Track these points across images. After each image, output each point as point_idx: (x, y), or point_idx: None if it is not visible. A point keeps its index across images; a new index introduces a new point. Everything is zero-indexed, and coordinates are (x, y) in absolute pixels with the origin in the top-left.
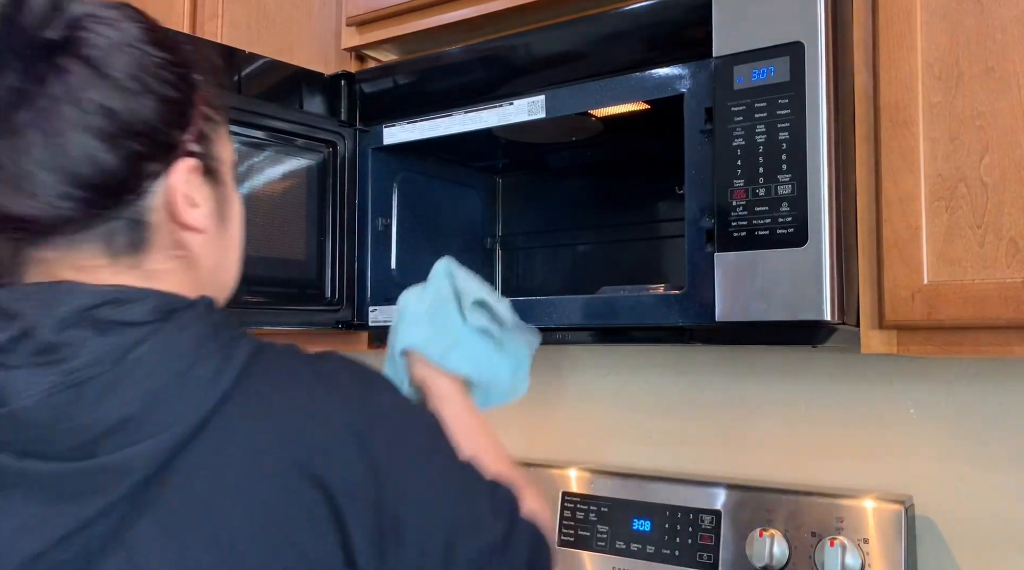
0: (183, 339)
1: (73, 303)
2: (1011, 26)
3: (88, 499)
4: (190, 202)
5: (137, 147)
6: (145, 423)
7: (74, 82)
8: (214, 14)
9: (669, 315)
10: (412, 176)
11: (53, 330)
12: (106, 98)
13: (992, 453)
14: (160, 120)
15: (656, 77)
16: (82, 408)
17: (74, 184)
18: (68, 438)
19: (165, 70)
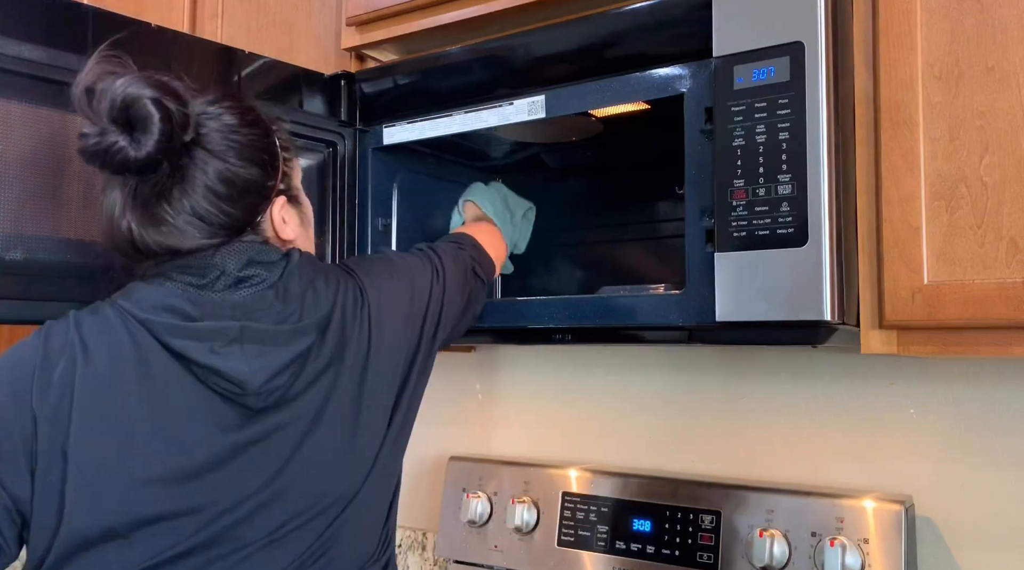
0: (302, 264)
1: (243, 256)
2: (1011, 26)
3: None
4: (283, 220)
5: (251, 199)
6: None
7: (209, 169)
8: (214, 14)
9: (669, 315)
10: (412, 176)
11: (237, 268)
12: (227, 174)
13: (992, 453)
14: (260, 178)
15: (656, 77)
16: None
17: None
18: (273, 314)
19: (258, 142)
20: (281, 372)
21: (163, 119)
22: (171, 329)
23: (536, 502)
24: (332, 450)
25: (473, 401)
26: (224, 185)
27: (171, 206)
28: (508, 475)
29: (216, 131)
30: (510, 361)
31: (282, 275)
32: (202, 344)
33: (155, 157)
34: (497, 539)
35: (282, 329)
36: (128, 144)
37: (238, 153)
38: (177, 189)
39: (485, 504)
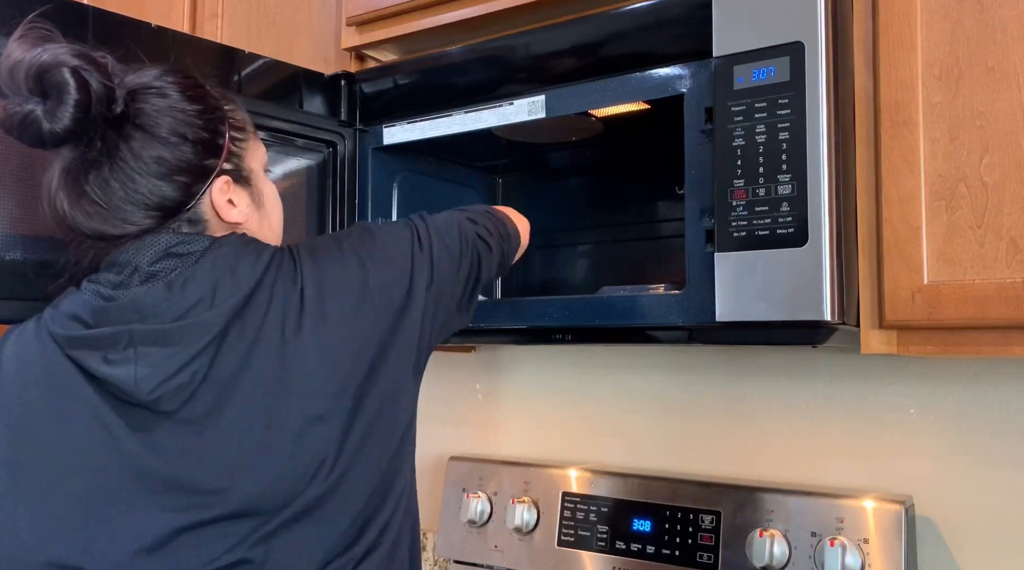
0: (227, 249)
1: (157, 247)
2: (1011, 26)
3: (197, 338)
4: (229, 202)
5: (184, 179)
6: (214, 299)
7: (135, 145)
8: (214, 14)
9: (669, 315)
10: (412, 176)
11: (148, 263)
12: (158, 151)
13: (992, 453)
14: (197, 157)
15: (656, 77)
16: (173, 293)
17: (147, 209)
18: (171, 311)
19: (199, 119)
20: (181, 371)
21: (79, 89)
22: (70, 340)
23: (536, 502)
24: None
25: (473, 401)
26: (155, 163)
27: (99, 186)
28: (508, 475)
29: (151, 106)
30: (510, 361)
31: (190, 265)
32: (96, 353)
33: (71, 129)
34: (497, 539)
35: (178, 325)
36: (43, 114)
37: (172, 129)
38: (107, 167)
39: (485, 504)
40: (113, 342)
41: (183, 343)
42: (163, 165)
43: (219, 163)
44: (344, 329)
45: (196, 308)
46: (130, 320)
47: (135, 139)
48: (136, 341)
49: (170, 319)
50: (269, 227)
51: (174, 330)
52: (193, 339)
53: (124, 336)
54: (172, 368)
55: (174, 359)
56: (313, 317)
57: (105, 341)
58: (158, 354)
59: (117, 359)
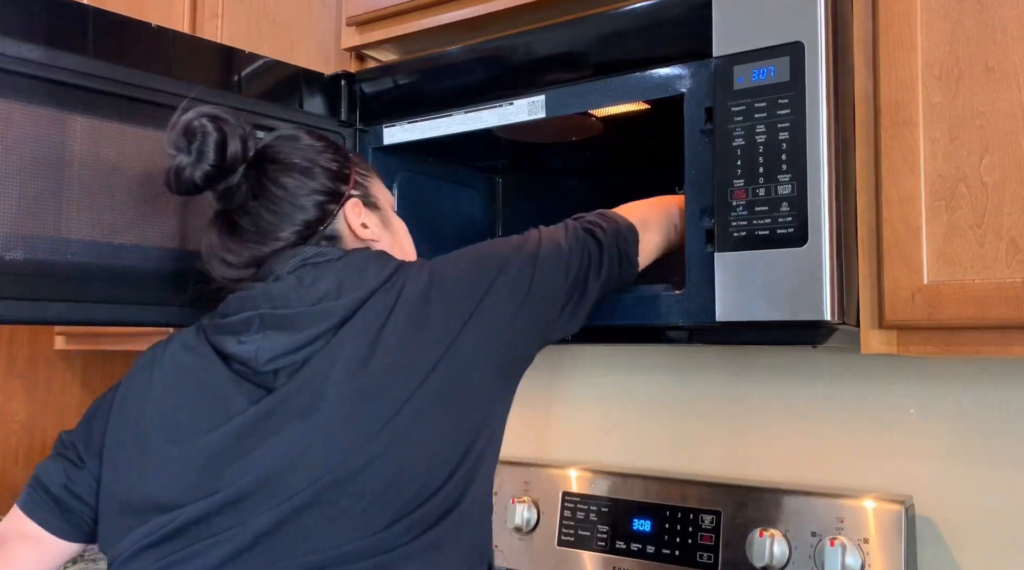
0: (358, 256)
1: (299, 256)
2: (1011, 26)
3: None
4: (363, 225)
5: (320, 198)
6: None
7: (276, 175)
8: (214, 14)
9: (669, 315)
10: (412, 176)
11: (287, 272)
12: (295, 178)
13: (992, 453)
14: (329, 180)
15: (656, 77)
16: (303, 287)
17: (292, 225)
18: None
19: (326, 153)
20: (296, 351)
21: (217, 130)
22: (214, 329)
23: (536, 502)
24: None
25: None
26: (295, 187)
27: (249, 216)
28: (508, 475)
29: (282, 145)
30: None
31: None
32: (232, 337)
33: (216, 167)
34: (497, 539)
35: (304, 311)
36: (190, 162)
37: (304, 158)
38: (253, 202)
39: None
40: (246, 326)
41: (305, 329)
42: (303, 188)
43: (348, 188)
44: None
45: (323, 300)
46: (260, 307)
47: (275, 171)
48: (266, 324)
49: (296, 307)
50: (401, 250)
51: (297, 316)
52: (314, 325)
53: (255, 320)
54: (291, 346)
55: (294, 340)
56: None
57: (240, 326)
58: (281, 336)
59: (248, 340)
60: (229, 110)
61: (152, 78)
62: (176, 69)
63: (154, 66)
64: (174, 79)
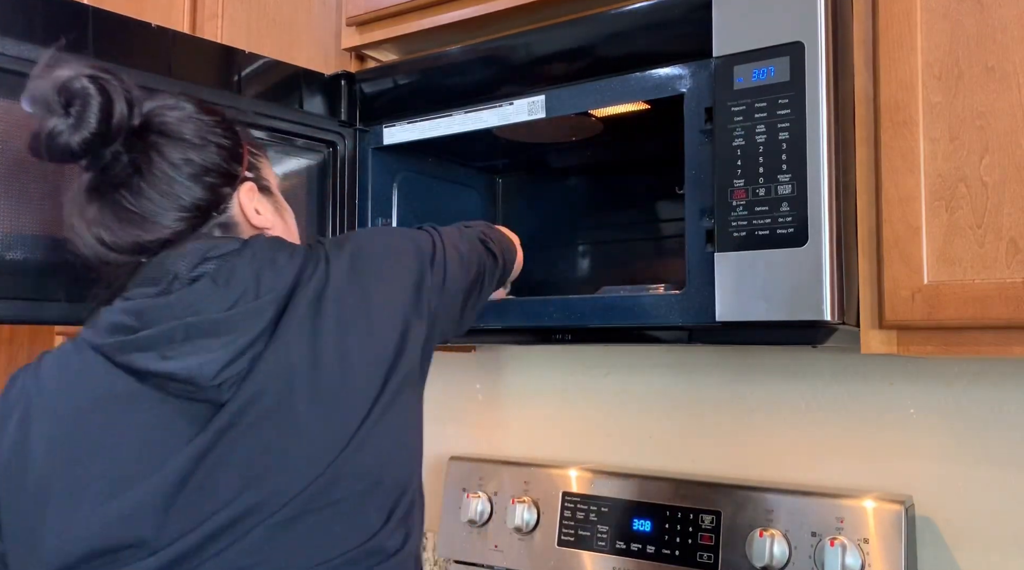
0: (261, 244)
1: (195, 254)
2: (1011, 26)
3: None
4: (256, 211)
5: (213, 180)
6: (259, 290)
7: (164, 150)
8: (214, 14)
9: (669, 315)
10: (412, 176)
11: (188, 270)
12: (187, 154)
13: (992, 453)
14: (224, 160)
15: (656, 77)
16: (220, 286)
17: (181, 210)
18: (221, 302)
19: (217, 128)
20: (238, 358)
21: (100, 93)
22: (121, 346)
23: (536, 502)
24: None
25: (473, 401)
26: (185, 165)
27: (132, 194)
28: (508, 475)
29: (172, 116)
30: (510, 361)
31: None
32: (151, 353)
33: (97, 136)
34: (497, 539)
35: (230, 314)
36: (68, 126)
37: (196, 133)
38: (136, 177)
39: (485, 504)
40: (169, 339)
41: (238, 331)
42: (193, 166)
43: (242, 170)
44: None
45: (243, 298)
46: (183, 315)
47: (162, 144)
48: (192, 334)
49: (221, 310)
50: (292, 236)
51: (227, 319)
52: (247, 326)
53: (180, 331)
54: (232, 353)
55: (233, 345)
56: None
57: (159, 339)
58: (216, 343)
59: (175, 354)
60: (108, 67)
61: (152, 78)
62: (176, 69)
63: (154, 66)
64: (174, 79)
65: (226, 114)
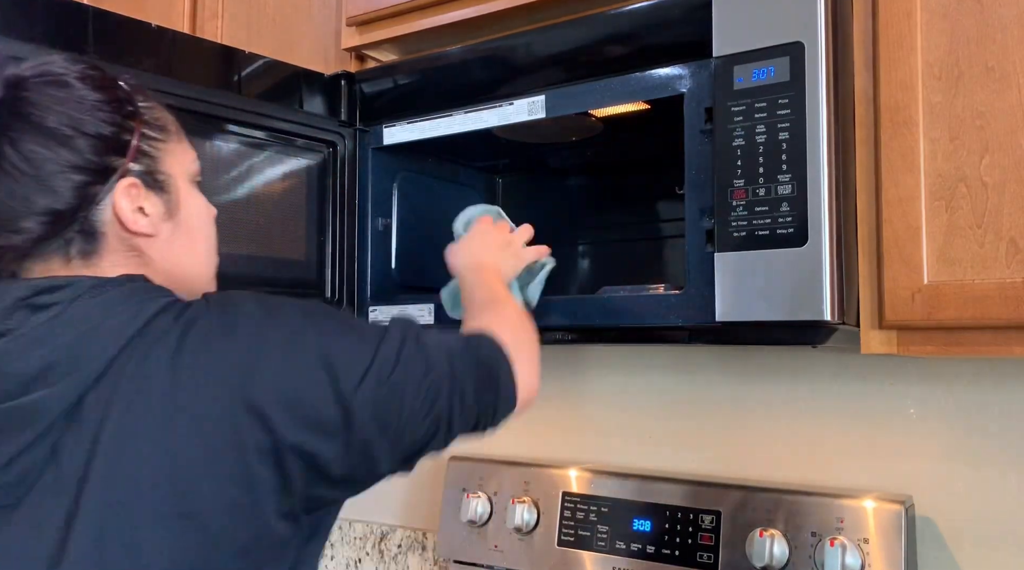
0: (95, 303)
1: (12, 296)
2: (1011, 26)
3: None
4: (140, 210)
5: (78, 178)
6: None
7: (15, 137)
8: (214, 14)
9: (669, 315)
10: (412, 176)
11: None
12: (43, 145)
13: (992, 453)
14: (94, 153)
15: (656, 77)
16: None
17: (34, 214)
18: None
19: (100, 110)
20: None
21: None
22: None
23: (536, 502)
24: None
25: None
26: (40, 159)
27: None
28: (508, 475)
29: (41, 95)
30: None
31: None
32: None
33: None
34: (497, 539)
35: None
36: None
37: (64, 120)
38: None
39: (485, 504)
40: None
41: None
42: (49, 162)
43: (124, 162)
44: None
45: (34, 383)
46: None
47: (15, 130)
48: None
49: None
50: (190, 249)
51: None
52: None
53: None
54: None
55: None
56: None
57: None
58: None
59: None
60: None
61: (152, 78)
62: (176, 69)
63: (154, 66)
64: (174, 79)
65: (127, 87)
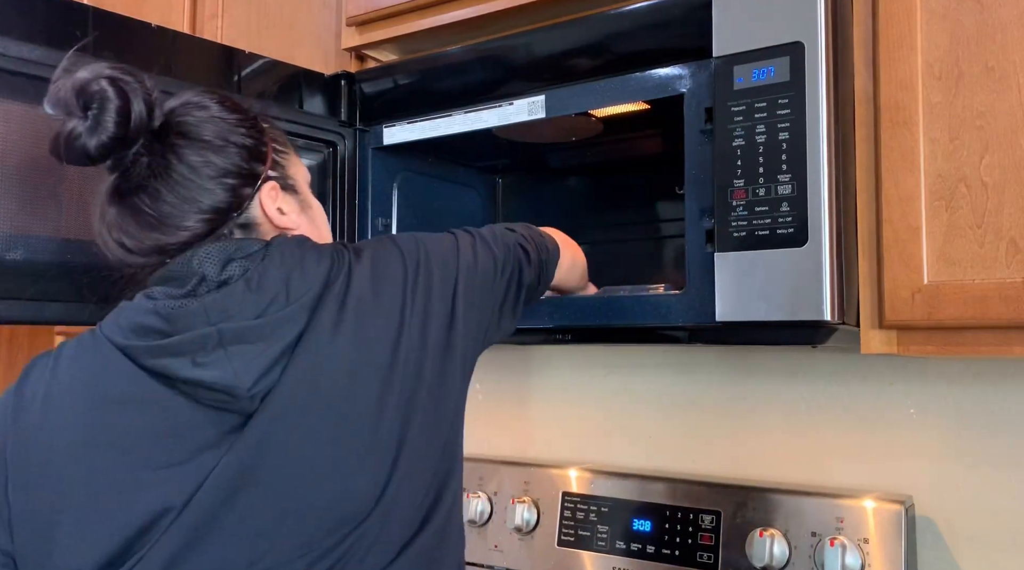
0: (289, 246)
1: (221, 255)
2: (1011, 26)
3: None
4: (279, 210)
5: (233, 182)
6: (289, 295)
7: (183, 152)
8: (214, 14)
9: (669, 315)
10: (412, 176)
11: (216, 272)
12: (205, 156)
13: (992, 453)
14: (244, 161)
15: (656, 77)
16: (251, 291)
17: (200, 213)
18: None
19: (241, 127)
20: (273, 366)
21: (119, 96)
22: (151, 350)
23: (536, 502)
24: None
25: (473, 401)
26: (204, 166)
27: (150, 197)
28: (508, 475)
29: (192, 117)
30: (510, 361)
31: (258, 263)
32: (183, 359)
33: (115, 139)
34: (497, 539)
35: (264, 321)
36: (86, 129)
37: (216, 134)
38: (154, 180)
39: (485, 504)
40: (201, 345)
41: (272, 338)
42: (211, 168)
43: (265, 169)
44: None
45: (273, 305)
46: (216, 321)
47: (181, 147)
48: (226, 341)
49: (253, 316)
50: (319, 236)
51: (260, 326)
52: (280, 334)
53: (213, 337)
54: (266, 363)
55: (266, 354)
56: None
57: (192, 345)
58: (251, 351)
59: (207, 361)
60: (128, 68)
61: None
62: (176, 69)
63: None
64: (174, 79)
65: (251, 110)
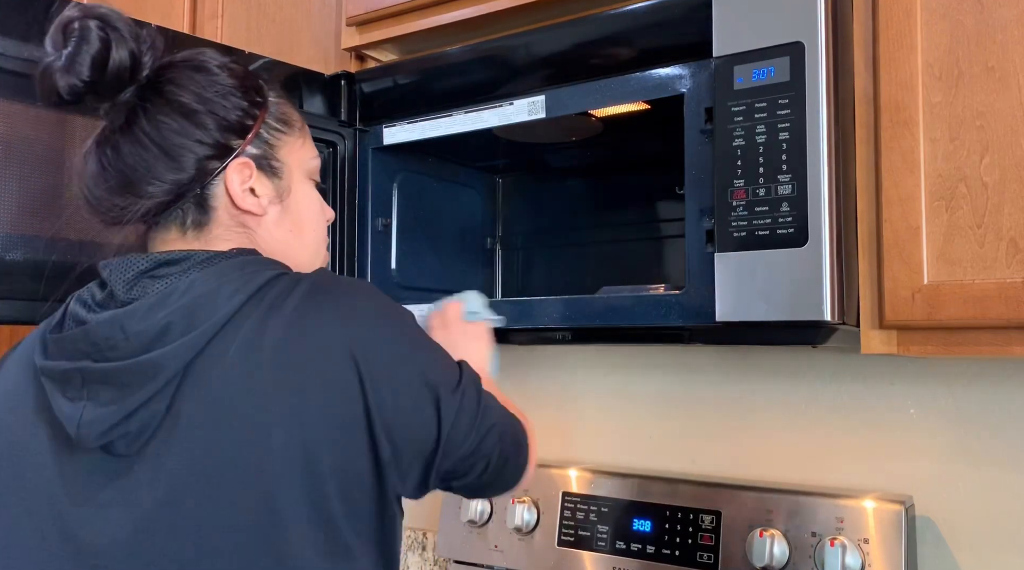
0: (210, 272)
1: (136, 268)
2: (1011, 26)
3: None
4: (250, 190)
5: (200, 152)
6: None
7: (152, 110)
8: (214, 14)
9: (669, 315)
10: (412, 176)
11: (124, 289)
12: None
13: (992, 453)
14: (219, 131)
15: (656, 77)
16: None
17: (158, 182)
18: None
19: (231, 96)
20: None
21: (100, 40)
22: (41, 369)
23: (536, 502)
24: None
25: None
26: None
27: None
28: None
29: (182, 75)
30: (510, 361)
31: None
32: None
33: (87, 83)
34: (497, 539)
35: (131, 364)
36: (60, 67)
37: (196, 98)
38: (119, 134)
39: (485, 504)
40: (70, 379)
41: (135, 385)
42: (176, 134)
43: (243, 144)
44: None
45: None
46: (82, 355)
47: (153, 104)
48: (88, 380)
49: (124, 354)
50: (295, 236)
51: (125, 371)
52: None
53: (76, 375)
54: (119, 414)
55: (124, 405)
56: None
57: (64, 376)
58: (106, 397)
59: (74, 397)
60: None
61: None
62: None
63: None
64: None
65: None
